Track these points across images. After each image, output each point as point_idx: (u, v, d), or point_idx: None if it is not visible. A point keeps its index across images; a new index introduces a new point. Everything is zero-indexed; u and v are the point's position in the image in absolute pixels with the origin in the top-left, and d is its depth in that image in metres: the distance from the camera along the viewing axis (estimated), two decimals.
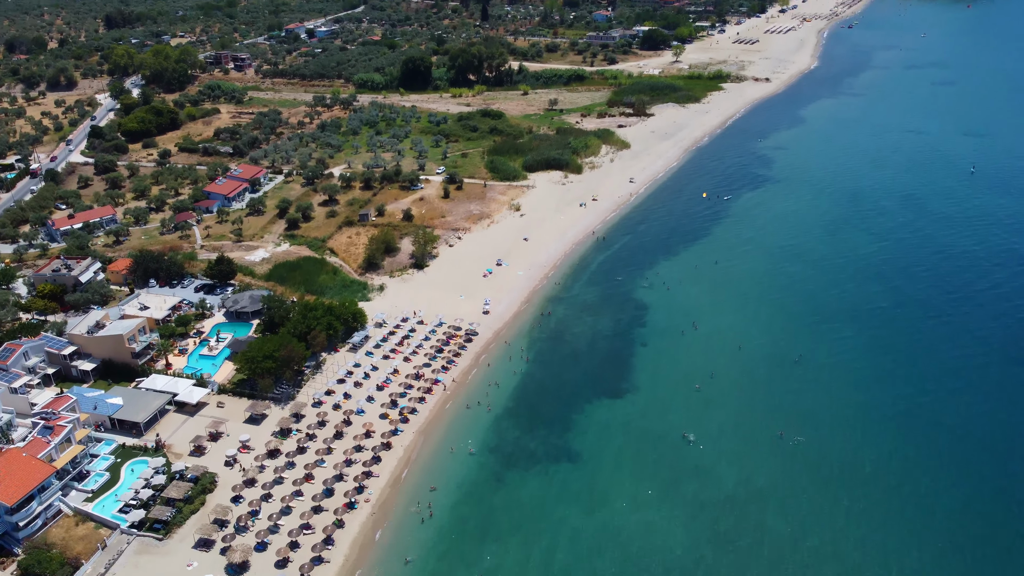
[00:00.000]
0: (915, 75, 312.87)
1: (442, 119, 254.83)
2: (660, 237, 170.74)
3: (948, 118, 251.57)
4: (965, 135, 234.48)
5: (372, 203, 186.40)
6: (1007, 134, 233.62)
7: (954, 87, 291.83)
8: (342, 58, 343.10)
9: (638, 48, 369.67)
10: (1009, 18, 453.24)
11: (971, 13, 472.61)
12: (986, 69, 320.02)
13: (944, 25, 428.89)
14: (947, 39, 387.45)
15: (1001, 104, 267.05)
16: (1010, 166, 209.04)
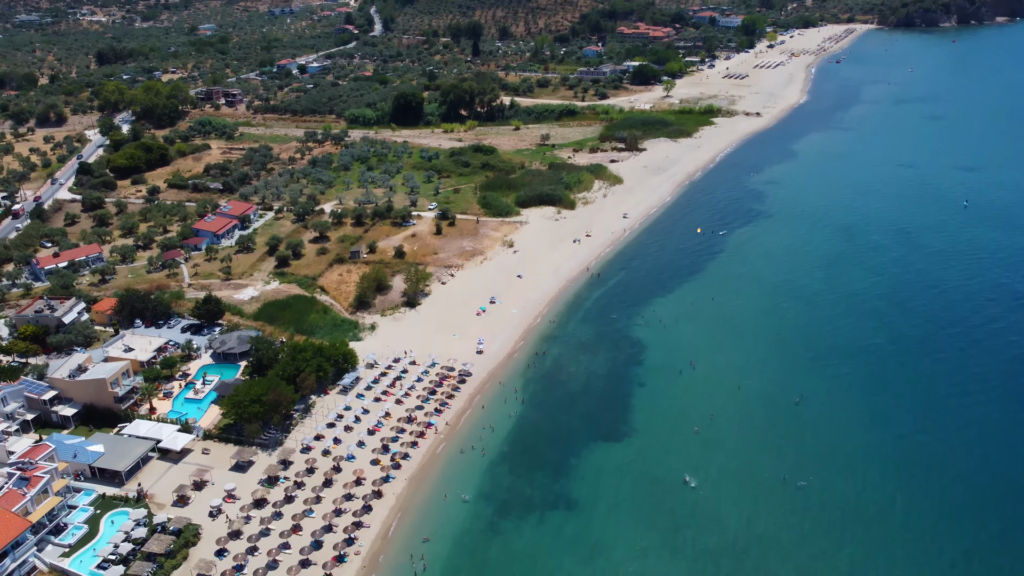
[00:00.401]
0: (904, 109, 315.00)
1: (434, 154, 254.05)
2: (655, 273, 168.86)
3: (939, 152, 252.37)
4: (956, 169, 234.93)
5: (363, 240, 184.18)
6: (998, 168, 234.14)
7: (944, 121, 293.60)
8: (333, 94, 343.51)
9: (629, 83, 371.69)
10: (992, 52, 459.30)
11: (956, 48, 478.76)
12: (974, 103, 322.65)
13: (931, 60, 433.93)
14: (934, 74, 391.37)
15: (991, 138, 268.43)
16: (1002, 200, 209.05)
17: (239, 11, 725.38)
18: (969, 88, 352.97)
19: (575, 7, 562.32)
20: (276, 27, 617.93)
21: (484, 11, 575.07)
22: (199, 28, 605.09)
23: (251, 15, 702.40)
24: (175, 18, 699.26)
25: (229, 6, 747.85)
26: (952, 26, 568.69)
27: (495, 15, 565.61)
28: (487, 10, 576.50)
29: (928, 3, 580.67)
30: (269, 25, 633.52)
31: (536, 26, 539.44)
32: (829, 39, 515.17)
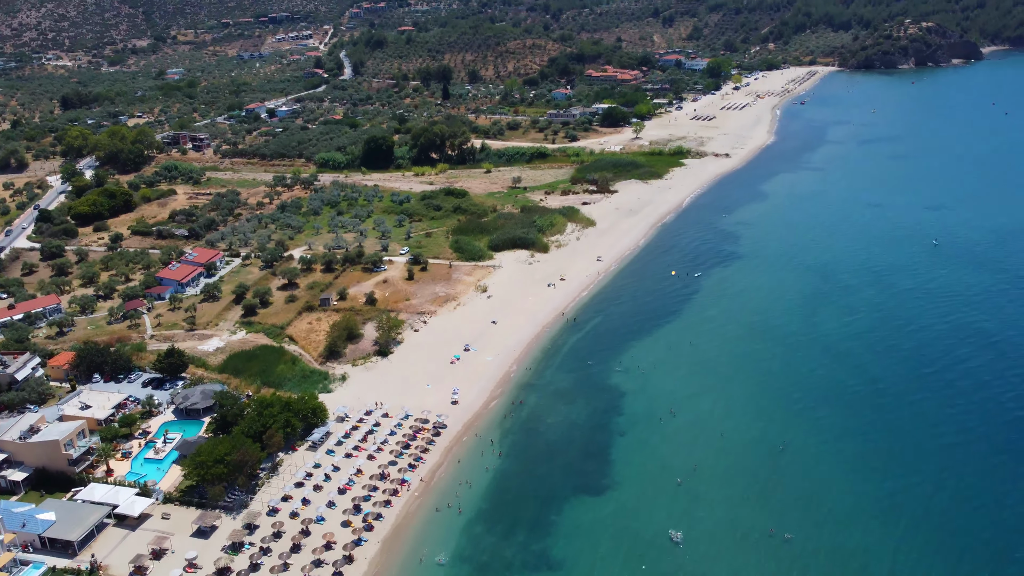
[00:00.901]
0: (870, 149, 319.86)
1: (405, 198, 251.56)
2: (631, 317, 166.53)
3: (906, 192, 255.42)
4: (924, 208, 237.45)
5: (333, 286, 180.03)
6: (964, 207, 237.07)
7: (908, 161, 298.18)
8: (303, 137, 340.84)
9: (598, 125, 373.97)
10: (950, 94, 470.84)
11: (915, 89, 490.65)
12: (937, 143, 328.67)
13: (892, 101, 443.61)
14: (896, 114, 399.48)
15: (955, 177, 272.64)
16: (969, 238, 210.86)
17: (208, 55, 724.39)
18: (931, 128, 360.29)
19: (543, 51, 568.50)
20: (245, 71, 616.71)
21: (453, 55, 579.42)
22: (167, 72, 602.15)
23: (220, 59, 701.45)
24: (143, 63, 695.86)
25: (198, 51, 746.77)
26: (910, 68, 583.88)
27: (464, 59, 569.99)
28: (456, 54, 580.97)
29: (886, 46, 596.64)
30: (238, 69, 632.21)
31: (505, 69, 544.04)
32: (792, 81, 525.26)
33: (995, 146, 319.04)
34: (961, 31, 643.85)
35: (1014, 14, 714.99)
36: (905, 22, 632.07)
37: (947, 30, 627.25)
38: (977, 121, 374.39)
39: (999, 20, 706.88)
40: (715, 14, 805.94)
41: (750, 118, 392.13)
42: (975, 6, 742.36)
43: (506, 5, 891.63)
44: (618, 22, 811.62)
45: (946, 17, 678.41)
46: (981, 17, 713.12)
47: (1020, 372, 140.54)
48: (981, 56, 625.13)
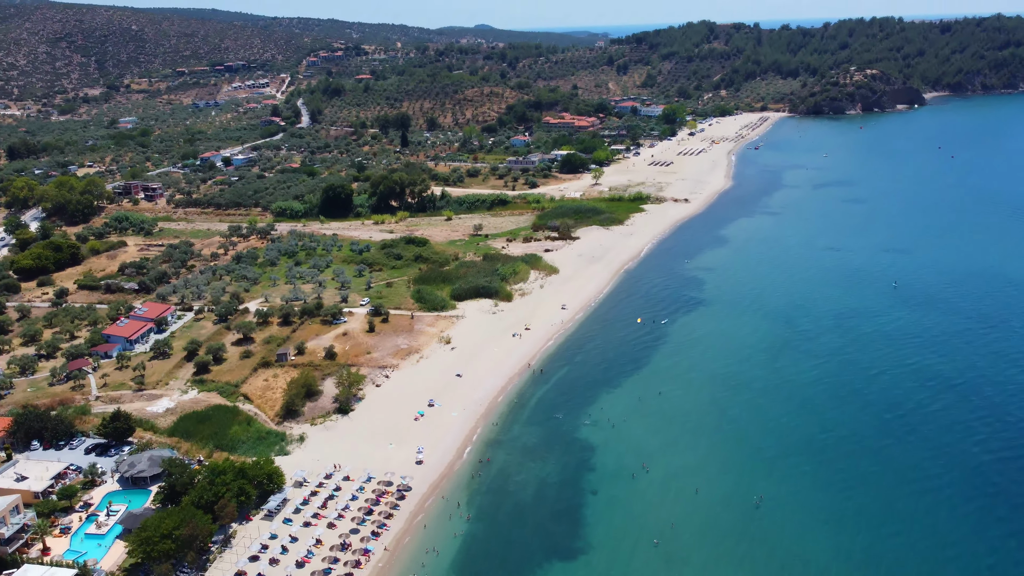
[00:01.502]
0: (825, 193, 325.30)
1: (365, 247, 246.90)
2: (599, 367, 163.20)
3: (863, 235, 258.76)
4: (882, 251, 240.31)
5: (291, 340, 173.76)
6: (921, 250, 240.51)
7: (863, 204, 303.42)
8: (259, 186, 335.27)
9: (558, 172, 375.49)
10: (898, 138, 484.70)
11: (864, 134, 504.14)
12: (889, 187, 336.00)
13: (842, 146, 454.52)
14: (848, 159, 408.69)
15: (910, 221, 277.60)
16: (928, 281, 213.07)
17: (162, 104, 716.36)
18: (882, 172, 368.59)
19: (501, 98, 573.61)
20: (200, 120, 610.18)
21: (411, 103, 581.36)
22: (119, 121, 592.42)
23: (175, 108, 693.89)
24: (95, 111, 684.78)
25: (152, 99, 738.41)
26: (857, 113, 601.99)
27: (423, 106, 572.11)
28: (414, 102, 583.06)
29: (834, 92, 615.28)
30: (193, 118, 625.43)
31: (463, 117, 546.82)
32: (746, 126, 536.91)
33: (945, 189, 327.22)
34: (904, 78, 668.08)
35: (952, 61, 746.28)
36: (851, 70, 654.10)
37: (891, 77, 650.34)
38: (926, 165, 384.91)
39: (938, 68, 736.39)
40: (667, 62, 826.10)
41: (707, 163, 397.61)
42: (916, 54, 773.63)
43: (463, 54, 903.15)
44: (574, 70, 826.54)
45: (889, 65, 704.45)
46: (921, 65, 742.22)
47: (980, 415, 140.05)
48: (924, 102, 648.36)
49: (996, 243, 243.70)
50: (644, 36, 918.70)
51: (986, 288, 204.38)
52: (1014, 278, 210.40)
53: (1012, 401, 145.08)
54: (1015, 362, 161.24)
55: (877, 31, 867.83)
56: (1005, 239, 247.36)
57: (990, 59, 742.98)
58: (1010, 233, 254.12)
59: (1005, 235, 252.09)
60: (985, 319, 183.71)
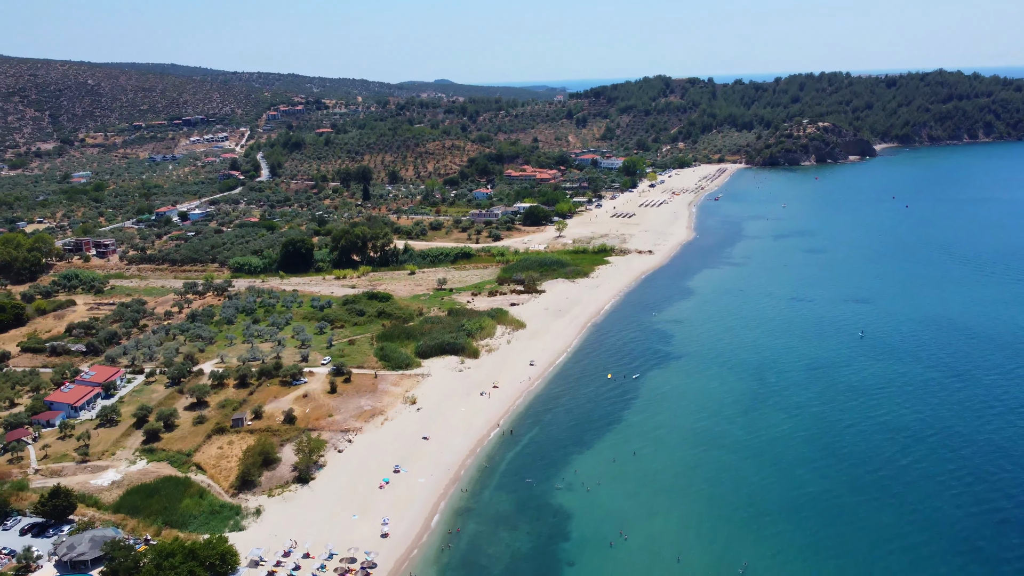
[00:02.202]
0: (786, 244, 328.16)
1: (326, 303, 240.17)
2: (570, 427, 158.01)
3: (826, 285, 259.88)
4: (846, 302, 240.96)
5: (248, 404, 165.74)
6: (883, 300, 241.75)
7: (825, 255, 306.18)
8: (217, 241, 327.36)
9: (521, 224, 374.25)
10: (852, 188, 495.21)
11: (819, 185, 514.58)
12: (848, 237, 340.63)
13: (800, 197, 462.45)
14: (806, 209, 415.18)
15: (871, 270, 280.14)
16: (894, 331, 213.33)
17: (118, 158, 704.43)
18: (840, 222, 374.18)
19: (463, 151, 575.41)
20: (157, 174, 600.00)
21: (373, 156, 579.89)
22: (73, 176, 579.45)
23: (130, 162, 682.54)
24: (47, 166, 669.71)
25: (107, 153, 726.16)
26: (812, 164, 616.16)
27: (384, 160, 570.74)
28: (376, 155, 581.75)
29: (788, 144, 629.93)
30: (150, 172, 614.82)
31: (425, 169, 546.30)
32: (705, 178, 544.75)
33: (901, 239, 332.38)
34: (854, 130, 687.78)
35: (899, 114, 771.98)
36: (803, 122, 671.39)
37: (842, 129, 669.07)
38: (882, 214, 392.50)
39: (886, 120, 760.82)
40: (626, 115, 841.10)
41: (668, 215, 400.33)
42: (864, 107, 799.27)
43: (424, 108, 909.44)
44: (534, 123, 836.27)
45: (839, 118, 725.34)
46: (870, 118, 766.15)
47: (951, 470, 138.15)
48: (875, 153, 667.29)
49: (954, 294, 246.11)
50: (602, 90, 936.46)
51: (949, 339, 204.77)
52: (974, 330, 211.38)
53: (981, 455, 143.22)
54: (982, 415, 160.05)
55: (826, 85, 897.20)
56: (962, 290, 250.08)
57: (935, 112, 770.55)
58: (966, 284, 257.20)
59: (961, 286, 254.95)
60: (950, 371, 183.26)
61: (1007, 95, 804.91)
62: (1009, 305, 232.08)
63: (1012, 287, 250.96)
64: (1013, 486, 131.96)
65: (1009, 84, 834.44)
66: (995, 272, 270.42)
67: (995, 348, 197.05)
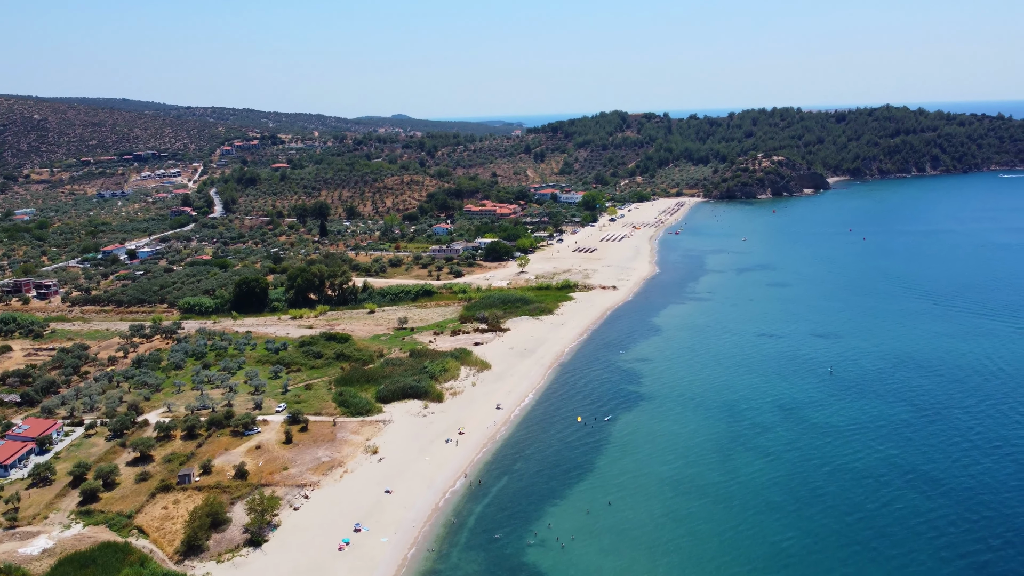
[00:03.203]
0: (749, 278, 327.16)
1: (281, 345, 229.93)
2: (541, 476, 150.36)
3: (792, 320, 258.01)
4: (813, 336, 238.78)
5: (196, 457, 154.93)
6: (850, 335, 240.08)
7: (788, 289, 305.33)
8: (166, 280, 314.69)
9: (482, 260, 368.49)
10: (809, 221, 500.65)
11: (777, 218, 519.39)
12: (810, 270, 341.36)
13: (759, 230, 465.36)
14: (766, 242, 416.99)
15: (835, 304, 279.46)
16: (862, 368, 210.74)
17: (64, 195, 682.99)
18: (800, 255, 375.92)
19: (421, 186, 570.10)
20: (105, 211, 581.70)
21: (330, 191, 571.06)
22: (15, 213, 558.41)
23: (77, 199, 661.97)
24: None
25: (53, 189, 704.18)
26: (768, 197, 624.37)
27: (341, 195, 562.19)
28: (333, 190, 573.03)
29: (745, 178, 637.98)
30: (97, 208, 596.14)
31: (384, 205, 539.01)
32: (664, 211, 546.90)
33: (862, 272, 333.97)
34: (807, 164, 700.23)
35: (849, 148, 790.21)
36: (758, 156, 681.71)
37: (796, 163, 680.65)
38: (841, 247, 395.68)
39: (837, 154, 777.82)
40: (583, 150, 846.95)
41: (630, 249, 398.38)
42: (815, 141, 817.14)
43: (381, 143, 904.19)
44: (492, 158, 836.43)
45: (792, 152, 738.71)
46: (822, 151, 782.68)
47: (942, 513, 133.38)
48: (828, 186, 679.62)
49: (916, 329, 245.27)
50: (559, 125, 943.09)
51: (916, 376, 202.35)
52: (939, 366, 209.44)
53: (956, 499, 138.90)
54: (954, 456, 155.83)
55: (779, 120, 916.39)
56: (924, 325, 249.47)
57: (883, 146, 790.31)
58: (927, 319, 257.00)
59: (923, 321, 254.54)
60: (921, 410, 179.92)
61: (951, 129, 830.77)
62: (970, 340, 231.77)
63: (971, 321, 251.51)
64: (987, 531, 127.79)
65: (952, 119, 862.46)
66: (954, 306, 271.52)
67: (960, 385, 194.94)
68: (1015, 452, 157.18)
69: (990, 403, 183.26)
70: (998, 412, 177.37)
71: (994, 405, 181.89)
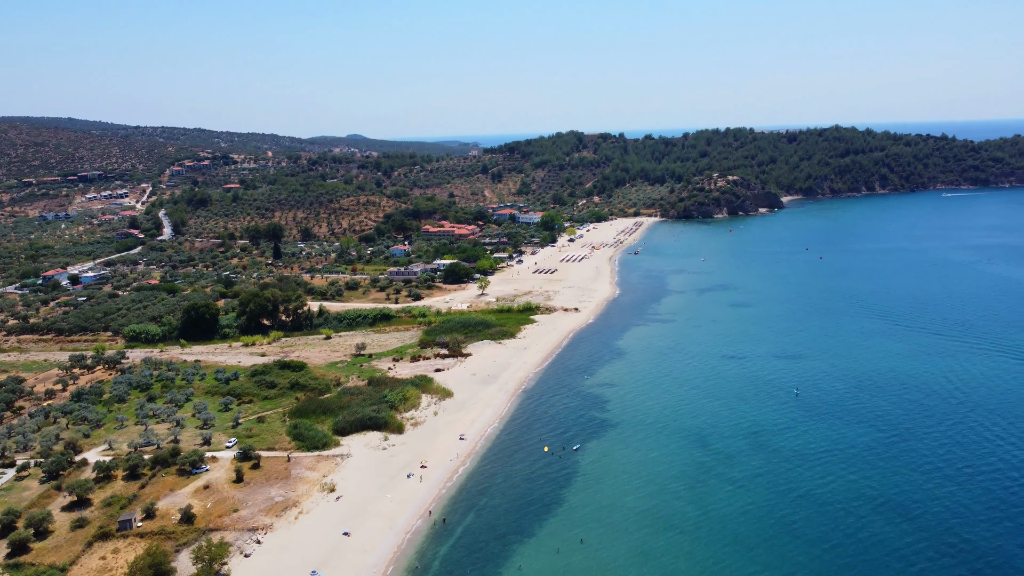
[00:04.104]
0: (710, 298, 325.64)
1: (232, 375, 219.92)
2: (508, 511, 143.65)
3: (756, 341, 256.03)
4: (777, 358, 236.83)
5: (139, 500, 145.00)
6: (813, 356, 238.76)
7: (750, 309, 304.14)
8: (111, 307, 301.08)
9: (442, 282, 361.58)
10: (765, 240, 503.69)
11: (735, 237, 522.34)
12: (770, 290, 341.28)
13: (717, 249, 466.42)
14: (725, 262, 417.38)
15: (795, 324, 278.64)
16: (827, 389, 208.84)
17: (3, 217, 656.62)
18: (759, 275, 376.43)
19: (378, 207, 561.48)
20: (48, 233, 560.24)
21: (284, 213, 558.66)
22: None
23: (18, 221, 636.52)
24: None
25: None
26: (724, 217, 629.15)
27: (296, 216, 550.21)
28: (287, 211, 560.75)
29: (701, 198, 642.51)
30: (39, 231, 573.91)
31: (340, 227, 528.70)
32: (623, 231, 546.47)
33: (820, 292, 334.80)
34: (761, 184, 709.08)
35: (801, 168, 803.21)
36: (714, 176, 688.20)
37: (750, 183, 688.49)
38: (798, 266, 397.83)
39: (790, 174, 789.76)
40: (540, 170, 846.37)
41: (590, 270, 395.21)
42: (768, 161, 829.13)
43: (336, 163, 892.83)
44: (449, 178, 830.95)
45: (746, 171, 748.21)
46: (775, 171, 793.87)
47: (910, 542, 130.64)
48: (783, 205, 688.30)
49: (878, 348, 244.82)
50: (516, 145, 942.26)
51: (880, 397, 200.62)
52: (902, 388, 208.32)
53: (933, 524, 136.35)
54: (930, 478, 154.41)
55: (732, 140, 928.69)
56: (885, 344, 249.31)
57: (834, 165, 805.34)
58: (887, 338, 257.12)
59: (884, 340, 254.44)
60: (887, 432, 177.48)
61: (898, 149, 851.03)
62: (928, 360, 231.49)
63: (928, 340, 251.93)
64: (955, 558, 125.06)
65: (899, 139, 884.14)
66: (911, 325, 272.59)
67: (920, 407, 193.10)
68: (979, 476, 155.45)
69: (950, 424, 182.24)
70: (959, 434, 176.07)
71: (954, 426, 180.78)
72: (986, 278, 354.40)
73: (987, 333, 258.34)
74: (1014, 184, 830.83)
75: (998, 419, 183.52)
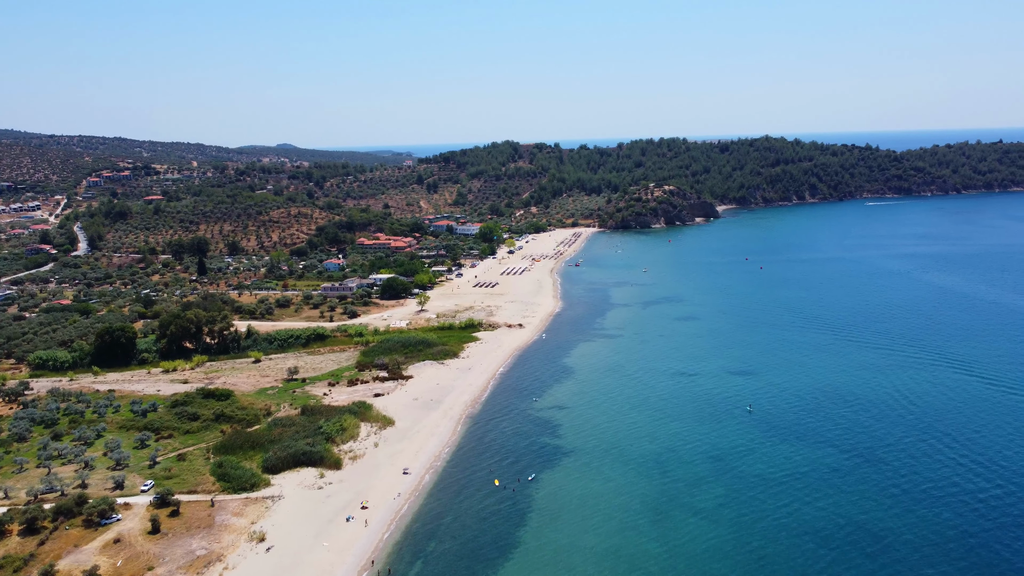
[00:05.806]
0: (656, 311, 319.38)
1: (150, 406, 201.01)
2: (460, 558, 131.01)
3: (707, 357, 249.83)
4: (729, 374, 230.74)
5: (36, 560, 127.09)
6: (765, 371, 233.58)
7: (697, 323, 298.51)
8: (15, 331, 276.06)
9: (379, 298, 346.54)
10: (705, 250, 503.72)
11: (674, 248, 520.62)
12: (715, 302, 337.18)
13: (658, 260, 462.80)
14: (667, 273, 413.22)
15: (743, 338, 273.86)
16: (783, 407, 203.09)
17: None
18: (703, 286, 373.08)
19: (310, 219, 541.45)
20: None
21: (210, 225, 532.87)
22: None
23: None
24: None
25: None
26: (661, 227, 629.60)
27: (223, 229, 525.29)
28: (213, 224, 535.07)
29: (638, 208, 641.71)
30: None
31: (269, 240, 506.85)
32: (562, 243, 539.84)
33: (764, 304, 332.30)
34: (696, 193, 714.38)
35: (734, 178, 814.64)
36: (650, 186, 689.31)
37: (686, 192, 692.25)
38: (740, 277, 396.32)
39: (723, 183, 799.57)
40: (477, 180, 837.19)
41: (532, 283, 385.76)
42: (702, 171, 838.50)
43: (266, 173, 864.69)
44: (384, 189, 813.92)
45: (681, 181, 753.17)
46: (709, 181, 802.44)
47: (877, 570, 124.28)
48: (718, 214, 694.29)
49: (828, 363, 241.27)
50: (451, 155, 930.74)
51: (836, 414, 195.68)
52: (856, 402, 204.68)
53: (908, 551, 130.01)
54: (898, 501, 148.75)
55: (666, 150, 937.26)
56: (833, 359, 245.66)
57: (766, 175, 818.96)
58: (834, 352, 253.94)
59: (831, 354, 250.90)
60: (848, 451, 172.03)
61: (826, 159, 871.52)
62: (877, 373, 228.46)
63: (874, 354, 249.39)
64: None
65: (826, 149, 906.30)
66: (855, 338, 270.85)
67: (879, 423, 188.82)
68: (945, 496, 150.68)
69: (909, 441, 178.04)
70: (919, 452, 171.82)
71: (914, 443, 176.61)
72: (923, 287, 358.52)
73: (931, 345, 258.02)
74: (935, 192, 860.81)
75: (953, 440, 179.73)
